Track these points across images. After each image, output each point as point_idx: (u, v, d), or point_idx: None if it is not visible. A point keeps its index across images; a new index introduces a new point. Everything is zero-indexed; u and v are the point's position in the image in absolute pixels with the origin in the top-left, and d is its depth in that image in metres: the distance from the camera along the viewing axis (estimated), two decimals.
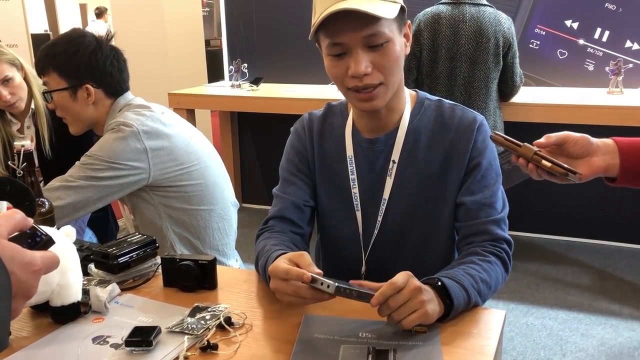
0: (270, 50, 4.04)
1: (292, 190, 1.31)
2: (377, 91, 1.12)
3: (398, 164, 1.23)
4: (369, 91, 1.12)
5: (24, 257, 0.68)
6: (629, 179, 1.03)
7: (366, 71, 1.09)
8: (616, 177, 1.03)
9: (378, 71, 1.11)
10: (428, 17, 2.74)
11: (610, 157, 1.02)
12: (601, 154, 1.02)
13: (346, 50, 1.10)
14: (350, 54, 1.10)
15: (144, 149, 1.57)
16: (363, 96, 1.13)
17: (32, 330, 1.05)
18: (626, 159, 1.01)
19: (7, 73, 2.02)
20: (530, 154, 1.00)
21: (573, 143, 1.02)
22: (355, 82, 1.11)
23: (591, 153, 1.02)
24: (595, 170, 1.02)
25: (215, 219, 1.74)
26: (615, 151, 1.02)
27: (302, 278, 0.96)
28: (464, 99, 2.74)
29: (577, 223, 3.49)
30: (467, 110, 1.25)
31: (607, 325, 2.59)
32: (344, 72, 1.12)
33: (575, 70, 3.34)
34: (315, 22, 1.09)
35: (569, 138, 1.02)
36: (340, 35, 1.08)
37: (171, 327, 1.02)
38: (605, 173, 1.03)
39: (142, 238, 1.26)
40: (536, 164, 1.00)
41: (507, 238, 1.20)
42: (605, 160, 1.02)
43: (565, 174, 0.98)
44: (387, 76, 1.12)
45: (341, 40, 1.09)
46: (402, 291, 0.95)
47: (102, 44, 1.66)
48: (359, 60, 1.08)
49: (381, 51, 1.10)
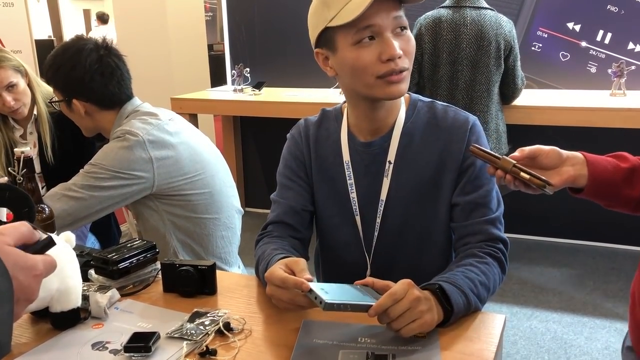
0: (273, 55, 4.05)
1: (290, 195, 1.31)
2: (404, 75, 1.13)
3: (394, 166, 1.23)
4: (399, 74, 1.11)
5: (26, 262, 0.70)
6: (595, 190, 1.09)
7: (400, 53, 1.10)
8: (583, 187, 1.09)
9: (405, 56, 1.12)
10: (429, 20, 2.74)
11: (579, 167, 1.08)
12: (570, 164, 1.08)
13: (375, 34, 1.09)
14: (380, 38, 1.09)
15: (149, 158, 1.57)
16: (395, 78, 1.11)
17: (32, 336, 1.05)
18: (594, 170, 1.07)
19: (11, 79, 2.04)
20: (510, 166, 1.04)
21: (545, 155, 1.07)
22: (391, 65, 1.09)
23: (561, 163, 1.08)
24: (566, 179, 1.07)
25: (220, 228, 1.73)
26: (583, 162, 1.08)
27: (301, 287, 0.96)
28: (465, 103, 2.74)
29: (581, 226, 3.48)
30: (460, 111, 1.26)
31: (612, 328, 2.58)
32: (374, 58, 1.10)
33: (577, 73, 3.34)
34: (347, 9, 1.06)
35: (541, 151, 1.07)
36: (373, 17, 1.07)
37: (170, 333, 1.02)
38: (573, 182, 1.08)
39: (142, 243, 1.26)
40: (514, 176, 1.04)
41: (502, 238, 1.20)
42: (575, 169, 1.08)
43: (543, 185, 1.02)
44: (411, 62, 1.14)
45: (374, 22, 1.08)
46: (402, 301, 0.94)
47: (86, 57, 1.60)
48: (392, 42, 1.09)
49: (404, 37, 1.12)
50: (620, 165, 1.10)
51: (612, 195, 1.11)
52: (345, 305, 0.94)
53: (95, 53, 1.62)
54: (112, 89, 1.65)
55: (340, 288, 1.01)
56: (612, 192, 1.10)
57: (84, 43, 1.63)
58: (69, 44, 1.65)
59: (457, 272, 1.10)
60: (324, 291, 0.96)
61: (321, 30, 1.13)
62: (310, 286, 0.96)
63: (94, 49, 1.62)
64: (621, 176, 1.09)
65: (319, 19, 1.13)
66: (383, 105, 1.21)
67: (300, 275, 1.00)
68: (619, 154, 1.13)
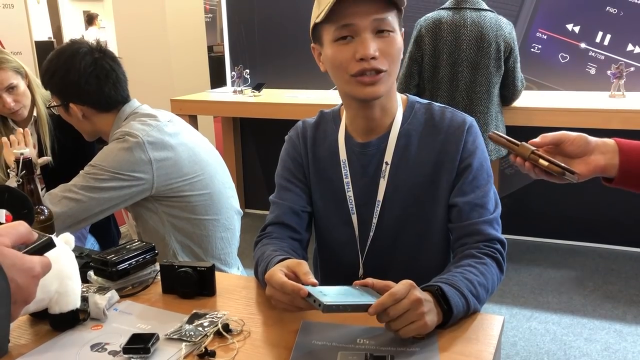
0: (273, 56, 4.05)
1: (289, 196, 1.31)
2: (381, 77, 1.14)
3: (391, 167, 1.24)
4: (374, 75, 1.13)
5: (24, 264, 0.70)
6: (627, 181, 1.01)
7: (374, 54, 1.11)
8: (614, 177, 1.01)
9: (384, 58, 1.13)
10: (429, 22, 2.75)
11: (610, 156, 1.00)
12: (599, 152, 1.01)
13: (354, 34, 1.12)
14: (359, 38, 1.11)
15: (148, 159, 1.57)
16: (367, 79, 1.13)
17: (30, 338, 1.05)
18: (626, 159, 0.99)
19: (12, 80, 2.04)
20: (528, 153, 1.00)
21: (570, 142, 1.01)
22: (363, 65, 1.12)
23: (589, 152, 1.01)
24: (594, 169, 1.00)
25: (219, 229, 1.73)
26: (616, 150, 1.00)
27: (299, 294, 0.96)
28: (465, 104, 2.74)
29: (580, 227, 3.48)
30: (457, 112, 1.26)
31: (611, 330, 2.58)
32: (349, 56, 1.12)
33: (577, 74, 3.34)
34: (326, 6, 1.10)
35: (566, 137, 1.01)
36: (351, 17, 1.10)
37: (169, 334, 1.02)
38: (602, 172, 1.01)
39: (141, 245, 1.26)
40: (533, 163, 1.00)
41: (500, 238, 1.20)
42: (605, 158, 1.00)
43: (562, 173, 0.97)
44: (391, 65, 1.15)
45: (352, 21, 1.11)
46: (402, 301, 0.94)
47: (80, 61, 1.60)
48: (368, 42, 1.11)
49: (388, 39, 1.13)
50: None
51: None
52: (344, 306, 0.94)
53: (89, 56, 1.62)
54: (107, 92, 1.64)
55: (339, 290, 1.01)
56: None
57: (78, 47, 1.63)
58: (63, 48, 1.65)
59: (456, 273, 1.10)
60: (322, 294, 0.96)
61: (312, 26, 1.19)
62: (308, 291, 0.95)
63: (88, 52, 1.62)
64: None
65: (313, 15, 1.18)
66: (376, 105, 1.21)
67: (304, 278, 1.00)
68: None
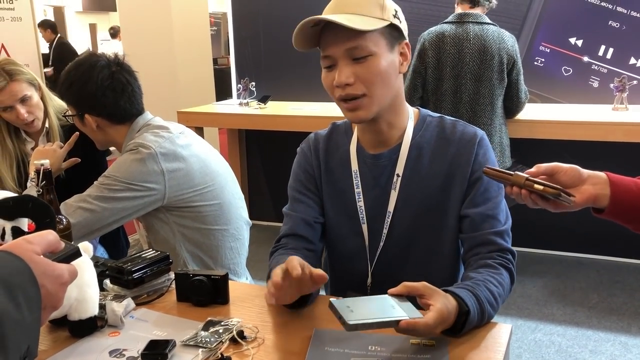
0: (278, 69, 4.10)
1: (302, 208, 1.34)
2: (360, 102, 1.19)
3: (402, 178, 1.27)
4: (353, 102, 1.19)
5: (54, 271, 0.73)
6: (618, 211, 1.04)
7: (347, 81, 1.16)
8: (604, 208, 1.05)
9: (361, 83, 1.17)
10: (432, 36, 2.79)
11: (601, 187, 1.04)
12: (591, 183, 1.04)
13: (334, 62, 1.18)
14: (337, 66, 1.17)
15: (161, 170, 1.60)
16: (349, 106, 1.20)
17: (50, 344, 1.08)
18: (617, 191, 1.03)
19: (26, 92, 2.08)
20: (522, 181, 1.02)
21: (563, 173, 1.04)
22: (339, 91, 1.18)
23: (582, 182, 1.04)
24: (587, 198, 1.03)
25: (228, 239, 1.76)
26: (607, 182, 1.04)
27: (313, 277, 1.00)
28: (469, 116, 2.78)
29: (585, 239, 3.49)
30: (468, 126, 1.30)
31: (616, 342, 2.58)
32: (331, 83, 1.20)
33: (580, 87, 3.37)
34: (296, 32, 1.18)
35: (559, 168, 1.04)
36: (328, 48, 1.18)
37: (185, 341, 1.04)
38: (595, 202, 1.04)
39: (155, 254, 1.29)
40: (529, 190, 1.02)
41: (512, 250, 1.23)
42: (596, 189, 1.04)
43: (558, 194, 1.00)
44: (370, 88, 1.18)
45: (328, 53, 1.18)
46: (430, 331, 0.97)
47: (98, 74, 1.63)
48: (342, 71, 1.17)
49: (364, 64, 1.17)
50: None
51: (636, 218, 1.05)
52: (370, 324, 0.94)
53: (107, 69, 1.65)
54: (123, 105, 1.68)
55: (367, 302, 1.00)
56: (635, 215, 1.04)
57: (96, 59, 1.66)
58: (82, 60, 1.69)
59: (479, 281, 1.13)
60: (349, 309, 0.95)
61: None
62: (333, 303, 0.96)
63: (105, 66, 1.66)
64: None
65: None
66: (378, 121, 1.25)
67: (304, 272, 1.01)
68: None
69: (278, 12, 3.99)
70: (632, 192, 1.04)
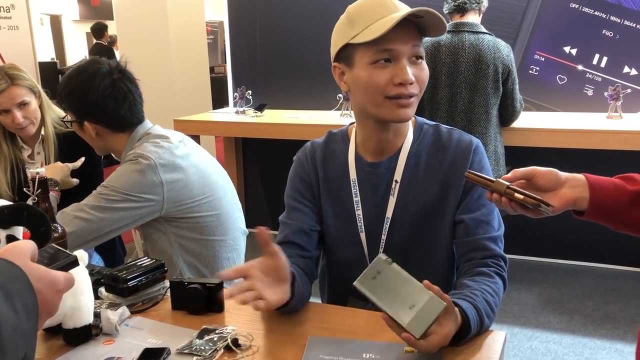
0: (275, 77, 4.11)
1: (298, 216, 1.34)
2: (412, 101, 1.19)
3: (400, 185, 1.28)
4: (408, 99, 1.18)
5: (50, 277, 0.73)
6: (598, 213, 1.04)
7: (412, 79, 1.16)
8: (584, 210, 1.04)
9: (417, 83, 1.18)
10: (428, 44, 2.80)
11: (580, 189, 1.04)
12: (570, 186, 1.04)
13: (392, 58, 1.16)
14: (397, 63, 1.16)
15: (160, 182, 1.59)
16: (403, 102, 1.17)
17: (45, 352, 1.08)
18: (595, 194, 1.03)
19: (25, 98, 2.10)
20: (503, 189, 1.03)
21: (541, 176, 1.04)
22: (401, 89, 1.16)
23: (560, 185, 1.04)
24: (566, 202, 1.03)
25: (225, 249, 1.75)
26: (585, 184, 1.04)
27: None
28: (464, 125, 2.79)
29: (581, 246, 3.50)
30: (464, 134, 1.31)
31: (612, 349, 2.59)
32: (387, 79, 1.16)
33: (574, 96, 3.40)
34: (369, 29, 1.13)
35: (537, 172, 1.04)
36: (393, 42, 1.14)
37: (180, 349, 1.04)
38: (574, 205, 1.04)
39: (150, 262, 1.29)
40: (509, 198, 1.02)
41: (504, 256, 1.25)
42: (575, 192, 1.03)
43: (538, 205, 1.00)
44: (421, 91, 1.20)
45: (393, 46, 1.14)
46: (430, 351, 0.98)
47: (99, 82, 1.62)
48: (408, 68, 1.15)
49: (420, 65, 1.18)
50: (627, 187, 1.04)
51: (616, 219, 1.05)
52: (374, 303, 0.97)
53: (108, 77, 1.64)
54: (123, 113, 1.66)
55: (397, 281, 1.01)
56: (615, 216, 1.04)
57: (98, 67, 1.65)
58: (84, 66, 1.67)
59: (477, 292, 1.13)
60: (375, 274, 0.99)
61: (342, 46, 1.20)
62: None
63: (107, 73, 1.64)
64: (626, 199, 1.03)
65: (342, 34, 1.20)
66: (391, 127, 1.25)
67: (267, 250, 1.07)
68: (628, 176, 1.06)
69: (275, 21, 4.00)
70: (610, 193, 1.03)
